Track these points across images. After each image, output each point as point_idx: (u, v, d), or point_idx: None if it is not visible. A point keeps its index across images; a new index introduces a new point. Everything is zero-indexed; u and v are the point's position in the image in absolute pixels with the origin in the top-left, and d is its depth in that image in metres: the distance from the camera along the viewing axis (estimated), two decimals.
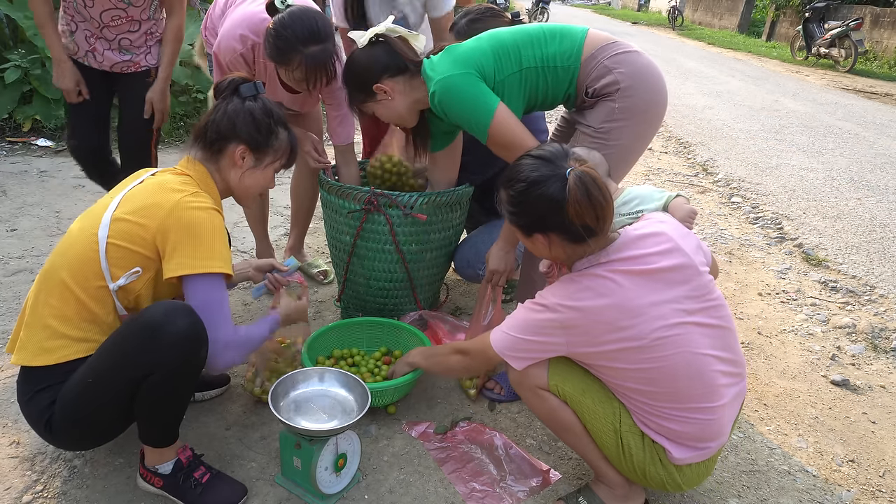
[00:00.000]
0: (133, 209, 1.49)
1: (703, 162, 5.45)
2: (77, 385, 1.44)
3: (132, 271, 1.47)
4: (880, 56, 12.74)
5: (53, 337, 1.46)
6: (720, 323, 1.46)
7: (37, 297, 1.50)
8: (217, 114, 1.63)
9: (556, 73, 1.88)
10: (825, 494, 1.80)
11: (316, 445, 1.56)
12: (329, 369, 1.76)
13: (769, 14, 17.06)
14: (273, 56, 2.07)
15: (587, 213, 1.37)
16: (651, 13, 27.15)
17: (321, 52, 2.04)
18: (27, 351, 1.48)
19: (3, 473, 1.68)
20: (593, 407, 1.51)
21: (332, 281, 2.84)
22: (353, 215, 2.21)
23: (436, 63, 1.89)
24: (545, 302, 1.46)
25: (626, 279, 1.40)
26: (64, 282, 1.46)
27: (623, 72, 1.84)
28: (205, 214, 1.50)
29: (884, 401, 2.28)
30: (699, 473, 1.53)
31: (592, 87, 1.87)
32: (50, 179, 3.90)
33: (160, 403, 1.47)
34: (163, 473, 1.58)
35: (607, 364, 1.45)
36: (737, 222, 4.07)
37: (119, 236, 1.46)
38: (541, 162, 1.43)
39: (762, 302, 2.98)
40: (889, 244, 3.80)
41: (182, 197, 1.49)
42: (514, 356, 1.53)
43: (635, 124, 1.89)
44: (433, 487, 1.71)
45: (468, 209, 2.44)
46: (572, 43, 1.88)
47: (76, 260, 1.48)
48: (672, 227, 1.51)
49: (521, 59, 1.87)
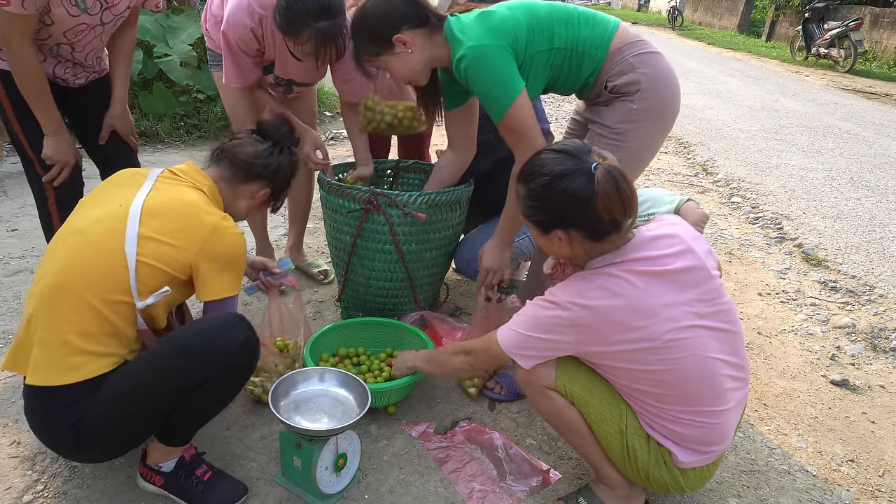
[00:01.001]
0: (166, 229, 1.47)
1: (703, 162, 5.45)
2: (113, 397, 1.42)
3: (162, 290, 1.47)
4: (880, 56, 12.74)
5: (75, 354, 1.40)
6: (729, 327, 1.46)
7: (50, 313, 1.42)
8: (271, 158, 1.72)
9: (581, 59, 1.84)
10: (825, 494, 1.80)
11: (316, 445, 1.56)
12: (329, 369, 1.76)
13: (769, 14, 17.06)
14: (283, 28, 2.05)
15: (616, 207, 1.36)
16: (651, 13, 27.13)
17: (331, 26, 2.02)
18: (47, 370, 1.41)
19: (4, 473, 1.68)
20: (600, 408, 1.50)
21: (332, 281, 2.84)
22: (353, 215, 2.21)
23: (466, 26, 1.79)
24: (556, 299, 1.43)
25: (640, 279, 1.38)
26: (83, 297, 1.41)
27: (645, 72, 1.82)
28: (240, 241, 1.57)
29: (883, 401, 2.28)
30: (702, 476, 1.53)
31: (613, 82, 1.84)
32: None
33: (204, 410, 1.53)
34: (164, 472, 1.59)
35: (617, 364, 1.44)
36: (737, 222, 4.07)
37: (152, 256, 1.45)
38: (564, 156, 1.41)
39: (762, 302, 2.98)
40: (889, 244, 3.80)
41: (218, 222, 1.53)
42: (523, 354, 1.51)
43: (651, 127, 1.87)
44: (433, 487, 1.71)
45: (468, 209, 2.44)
46: (603, 32, 1.85)
47: (97, 275, 1.42)
48: (684, 229, 1.51)
49: (554, 37, 1.82)
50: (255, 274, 1.99)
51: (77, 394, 1.41)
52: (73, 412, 1.41)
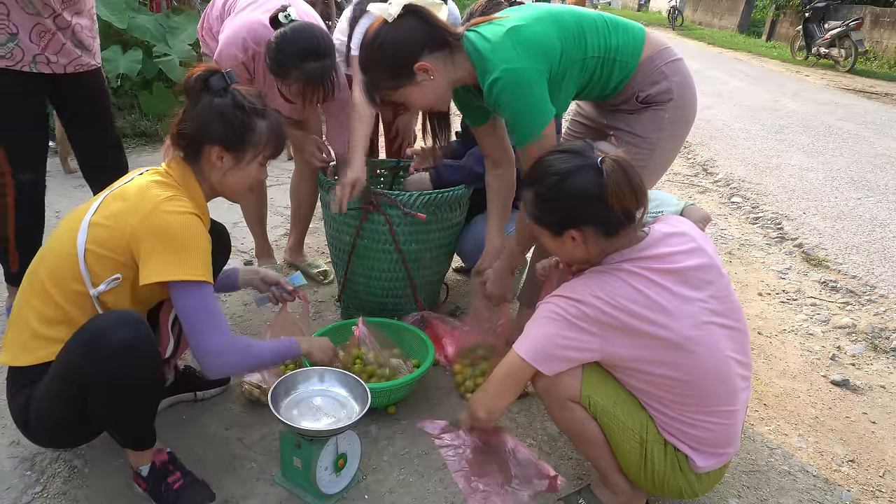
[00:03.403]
0: (109, 213, 1.47)
1: (703, 162, 5.44)
2: (42, 387, 1.45)
3: (112, 278, 1.46)
4: (880, 56, 12.72)
5: (33, 337, 1.46)
6: (739, 325, 1.45)
7: (22, 298, 1.50)
8: (187, 115, 1.55)
9: (613, 66, 1.79)
10: (825, 494, 1.80)
11: (316, 445, 1.56)
12: (329, 369, 1.76)
13: (769, 14, 17.04)
14: (272, 69, 2.09)
15: (628, 197, 1.35)
16: (651, 13, 27.11)
17: (319, 68, 2.05)
18: (11, 350, 1.49)
19: (3, 473, 1.68)
20: (623, 419, 1.46)
21: (332, 281, 2.84)
22: (353, 214, 2.21)
23: (496, 45, 1.66)
24: (577, 296, 1.39)
25: (658, 276, 1.38)
26: (43, 284, 1.46)
27: (677, 81, 1.81)
28: (179, 219, 1.44)
29: (884, 401, 2.28)
30: (714, 479, 1.53)
31: (646, 91, 1.80)
32: (50, 180, 3.88)
33: (113, 414, 1.45)
34: (144, 476, 1.58)
35: (636, 366, 1.42)
36: (737, 222, 4.06)
37: (96, 242, 1.45)
38: (569, 155, 1.41)
39: (762, 302, 2.98)
40: (889, 244, 3.79)
41: (158, 202, 1.44)
42: (545, 360, 1.43)
43: (678, 136, 1.87)
44: (433, 487, 1.71)
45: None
46: (634, 39, 1.80)
47: (55, 263, 1.47)
48: (692, 228, 1.50)
49: (587, 46, 1.75)
50: (266, 287, 1.97)
51: (31, 377, 1.46)
52: (24, 393, 1.47)
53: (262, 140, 1.58)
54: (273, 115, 1.61)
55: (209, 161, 1.55)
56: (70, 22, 2.12)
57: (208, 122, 1.52)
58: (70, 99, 2.26)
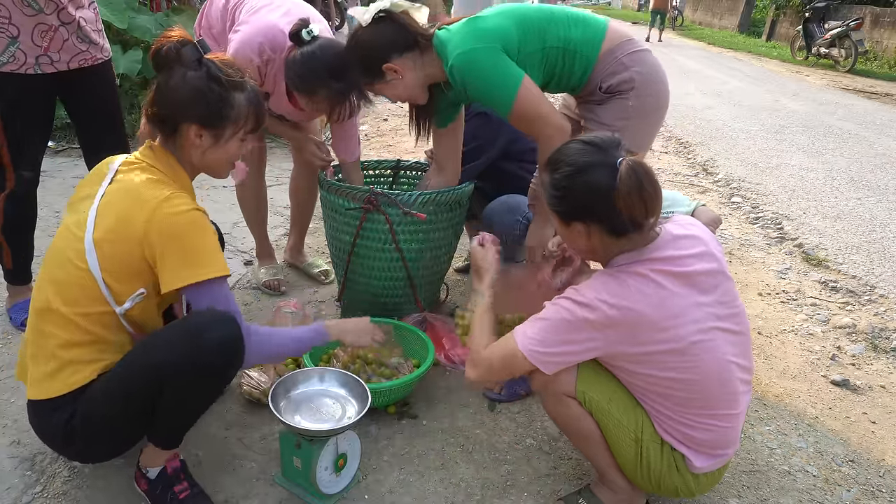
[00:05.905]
0: (111, 225, 1.41)
1: (703, 162, 5.44)
2: (101, 392, 1.41)
3: (136, 294, 1.43)
4: (880, 56, 12.73)
5: (62, 367, 1.42)
6: (742, 329, 1.45)
7: (38, 332, 1.44)
8: (160, 92, 1.45)
9: (574, 59, 1.87)
10: (825, 494, 1.80)
11: (316, 445, 1.56)
12: (329, 369, 1.76)
13: (769, 14, 17.05)
14: (297, 84, 2.08)
15: (637, 206, 1.34)
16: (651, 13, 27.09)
17: (346, 86, 2.06)
18: (37, 385, 1.44)
19: (4, 473, 1.68)
20: (618, 416, 1.46)
21: (332, 281, 2.84)
22: (353, 213, 2.21)
23: (454, 35, 1.81)
24: (583, 299, 1.38)
25: (666, 280, 1.37)
26: (63, 315, 1.41)
27: (639, 70, 1.86)
28: (184, 219, 1.40)
29: (884, 401, 2.28)
30: (713, 479, 1.53)
31: (608, 82, 1.87)
32: (50, 180, 3.89)
33: (180, 406, 1.44)
34: (149, 477, 1.56)
35: (637, 369, 1.42)
36: (737, 222, 4.06)
37: (108, 260, 1.40)
38: (591, 148, 1.39)
39: (762, 302, 2.98)
40: (889, 244, 3.79)
41: (157, 204, 1.39)
42: (547, 361, 1.43)
43: (646, 123, 1.91)
44: (433, 487, 1.71)
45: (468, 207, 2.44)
46: (594, 32, 1.88)
47: (72, 293, 1.41)
48: (702, 230, 1.50)
49: (546, 37, 1.84)
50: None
51: (66, 401, 1.42)
52: (62, 413, 1.42)
53: (241, 115, 1.50)
54: (252, 87, 1.53)
55: (188, 139, 1.48)
56: (74, 16, 2.09)
57: (183, 99, 1.44)
58: (77, 94, 2.25)
